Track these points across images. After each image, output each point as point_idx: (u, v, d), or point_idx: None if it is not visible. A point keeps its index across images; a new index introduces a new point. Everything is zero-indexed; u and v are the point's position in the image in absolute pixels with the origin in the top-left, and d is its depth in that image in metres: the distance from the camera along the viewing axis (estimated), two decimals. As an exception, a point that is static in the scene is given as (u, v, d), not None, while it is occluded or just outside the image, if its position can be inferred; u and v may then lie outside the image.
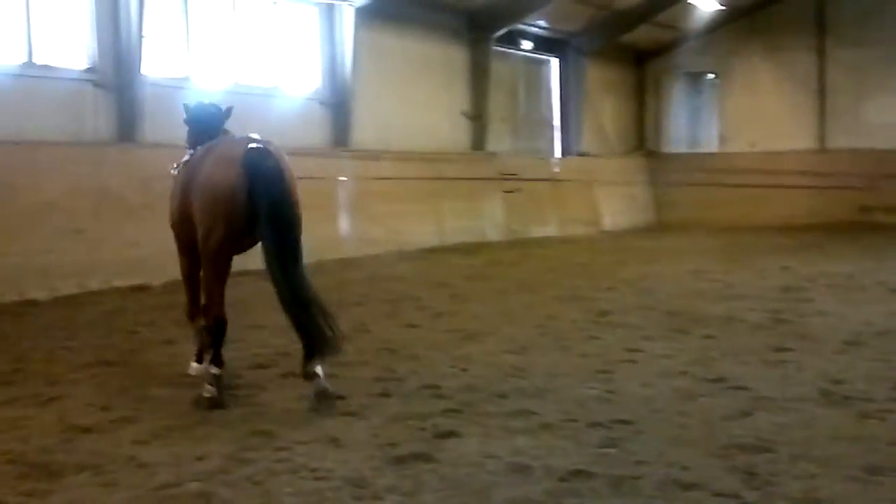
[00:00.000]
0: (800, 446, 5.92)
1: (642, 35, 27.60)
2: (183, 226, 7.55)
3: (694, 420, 6.58)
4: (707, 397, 7.26)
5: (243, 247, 7.42)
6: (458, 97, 22.48)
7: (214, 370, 7.15)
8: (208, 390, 7.05)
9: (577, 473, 5.44)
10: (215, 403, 6.99)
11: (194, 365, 8.02)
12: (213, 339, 7.30)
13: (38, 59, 13.77)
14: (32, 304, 12.12)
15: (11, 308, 11.71)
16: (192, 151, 7.95)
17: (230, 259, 7.32)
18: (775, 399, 7.10)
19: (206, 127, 8.16)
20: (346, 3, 18.37)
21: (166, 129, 15.46)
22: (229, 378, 7.55)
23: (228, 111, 8.36)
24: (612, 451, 5.88)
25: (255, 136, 7.34)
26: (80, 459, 5.80)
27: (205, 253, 7.23)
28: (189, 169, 7.56)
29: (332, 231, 17.14)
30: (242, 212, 6.96)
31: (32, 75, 13.62)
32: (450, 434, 6.25)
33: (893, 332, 9.91)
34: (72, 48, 14.32)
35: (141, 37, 14.53)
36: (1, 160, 12.56)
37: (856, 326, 10.25)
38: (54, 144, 13.70)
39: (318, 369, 7.03)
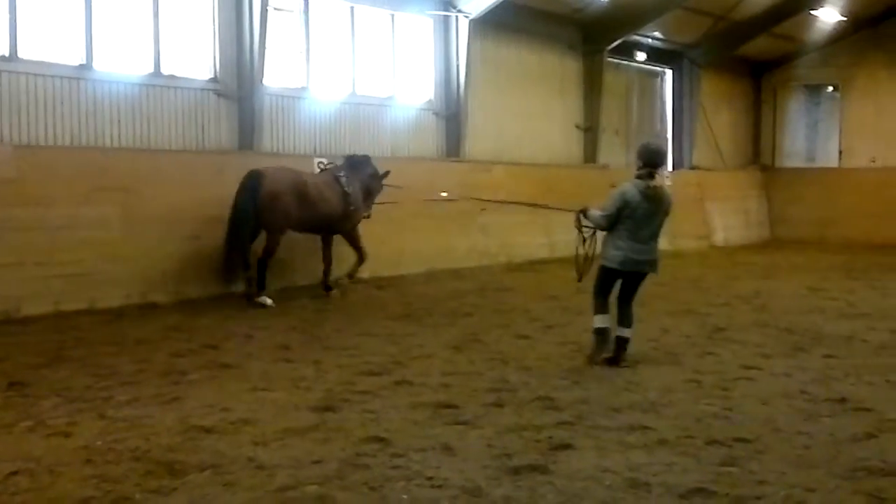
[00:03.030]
0: (931, 472, 5.71)
1: (760, 46, 27.01)
2: None
3: (817, 441, 6.41)
4: (830, 418, 7.07)
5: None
6: (571, 108, 22.38)
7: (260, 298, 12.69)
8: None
9: (698, 492, 5.35)
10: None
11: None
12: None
13: (164, 70, 14.21)
14: (154, 307, 12.48)
15: (134, 311, 12.06)
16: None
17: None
18: (903, 422, 6.87)
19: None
20: (461, 14, 18.48)
21: (285, 138, 15.83)
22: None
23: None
24: (733, 469, 5.76)
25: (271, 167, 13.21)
26: (201, 459, 5.94)
27: None
28: None
29: (442, 241, 17.21)
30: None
31: (158, 85, 14.05)
32: (565, 446, 6.21)
33: None
34: (196, 59, 14.73)
35: (263, 48, 14.86)
36: (126, 167, 12.96)
37: None
38: (177, 152, 14.11)
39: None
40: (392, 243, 16.10)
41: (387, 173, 14.43)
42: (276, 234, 12.99)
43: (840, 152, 28.62)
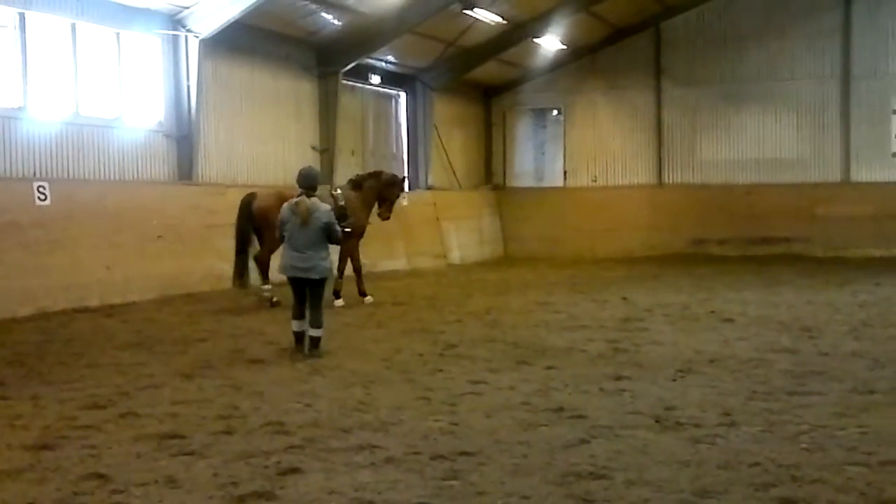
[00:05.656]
0: (634, 472, 6.14)
1: (489, 71, 28.17)
2: None
3: (534, 450, 6.73)
4: (547, 427, 7.44)
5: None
6: (307, 130, 22.40)
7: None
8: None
9: (419, 506, 5.49)
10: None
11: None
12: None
13: None
14: None
15: None
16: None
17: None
18: (612, 427, 7.35)
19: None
20: (191, 34, 18.10)
21: (0, 159, 14.91)
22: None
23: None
24: (455, 483, 5.96)
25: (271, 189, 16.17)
26: None
27: None
28: None
29: (177, 265, 16.77)
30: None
31: None
32: (293, 471, 6.21)
33: (723, 359, 10.38)
34: None
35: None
36: None
37: (688, 355, 10.70)
38: None
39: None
40: (121, 269, 15.54)
41: (403, 179, 17.62)
42: (270, 242, 15.02)
43: (565, 172, 30.29)
